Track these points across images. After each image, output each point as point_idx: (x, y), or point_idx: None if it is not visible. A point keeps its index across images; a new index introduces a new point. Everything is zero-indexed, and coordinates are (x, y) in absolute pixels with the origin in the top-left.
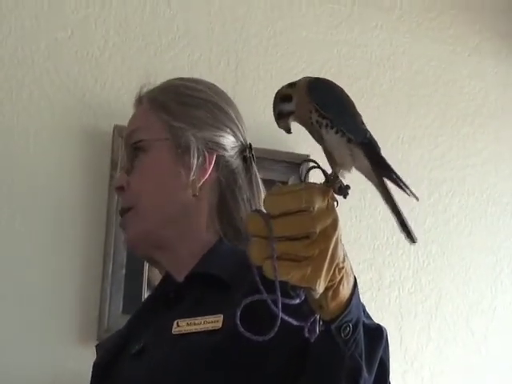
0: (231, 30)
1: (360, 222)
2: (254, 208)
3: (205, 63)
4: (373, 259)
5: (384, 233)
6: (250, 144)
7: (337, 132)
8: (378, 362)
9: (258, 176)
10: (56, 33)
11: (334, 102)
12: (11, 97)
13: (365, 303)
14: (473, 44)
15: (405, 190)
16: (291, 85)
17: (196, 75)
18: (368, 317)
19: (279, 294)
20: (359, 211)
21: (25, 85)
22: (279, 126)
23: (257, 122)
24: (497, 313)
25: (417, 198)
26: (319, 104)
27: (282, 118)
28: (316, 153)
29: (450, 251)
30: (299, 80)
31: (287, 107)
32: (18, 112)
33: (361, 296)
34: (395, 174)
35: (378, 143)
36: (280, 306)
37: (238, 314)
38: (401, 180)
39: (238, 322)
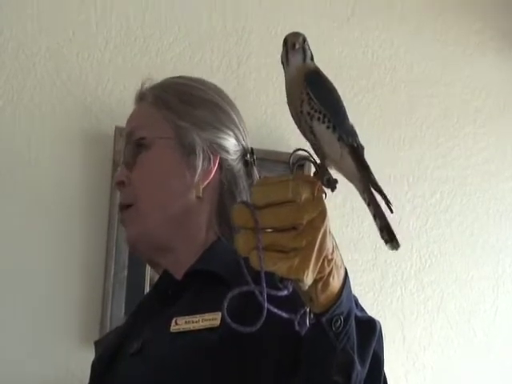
0: (232, 30)
1: (362, 223)
2: None
3: (206, 64)
4: (375, 259)
5: None
6: (252, 148)
7: (328, 127)
8: (371, 354)
9: None
10: (57, 35)
11: (330, 99)
12: (12, 99)
13: (367, 303)
14: (474, 43)
15: (385, 199)
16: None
17: (197, 76)
18: (361, 309)
19: (264, 284)
20: (361, 212)
21: (26, 87)
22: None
23: (258, 123)
24: (499, 312)
25: (391, 211)
26: (315, 95)
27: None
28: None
29: (451, 251)
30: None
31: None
32: (19, 114)
33: (363, 296)
34: (376, 182)
35: (380, 142)
36: (265, 296)
37: (225, 305)
38: (381, 188)
39: (225, 313)
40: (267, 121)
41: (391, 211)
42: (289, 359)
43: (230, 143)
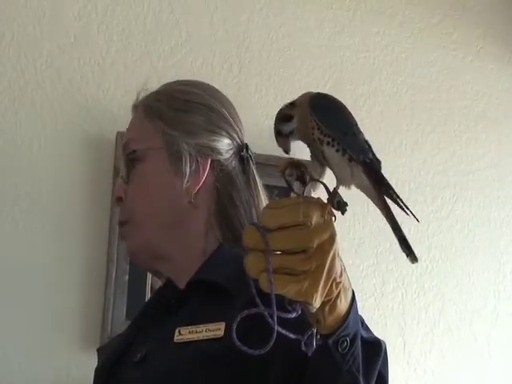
0: (234, 35)
1: (363, 228)
2: (252, 209)
3: (207, 69)
4: (376, 265)
5: (387, 238)
6: (247, 144)
7: (337, 150)
8: (375, 376)
9: (257, 176)
10: (58, 39)
11: (336, 120)
12: (14, 104)
13: (368, 309)
14: (475, 49)
15: (405, 210)
16: (291, 104)
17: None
18: (367, 329)
19: (275, 307)
20: (362, 217)
21: (27, 92)
22: (278, 145)
23: (259, 127)
24: (500, 318)
25: (417, 220)
26: (321, 121)
27: (281, 137)
28: None
29: (453, 256)
30: (300, 97)
31: (287, 127)
32: (20, 119)
33: (364, 301)
34: (396, 193)
35: (381, 148)
36: (276, 319)
37: (234, 328)
38: (401, 200)
39: (235, 336)
40: (268, 126)
41: (417, 220)
42: (293, 378)
43: (223, 143)
